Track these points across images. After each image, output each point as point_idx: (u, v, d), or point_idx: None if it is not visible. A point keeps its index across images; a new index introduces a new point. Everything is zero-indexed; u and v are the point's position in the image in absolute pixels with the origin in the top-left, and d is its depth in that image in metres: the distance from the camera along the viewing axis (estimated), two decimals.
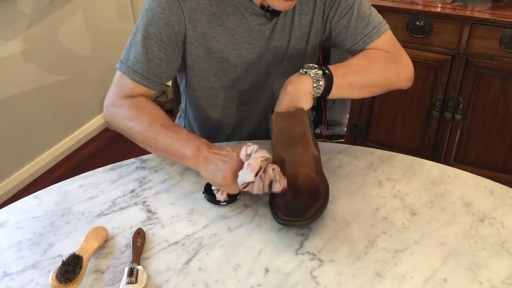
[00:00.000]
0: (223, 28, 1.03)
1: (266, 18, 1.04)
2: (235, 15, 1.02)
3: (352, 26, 1.06)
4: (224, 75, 1.09)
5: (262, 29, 1.05)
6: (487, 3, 1.92)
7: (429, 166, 1.06)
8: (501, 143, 2.00)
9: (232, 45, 1.05)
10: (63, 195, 0.98)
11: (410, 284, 0.78)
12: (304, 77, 0.95)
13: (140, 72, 1.01)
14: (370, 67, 1.03)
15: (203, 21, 1.01)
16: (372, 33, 1.06)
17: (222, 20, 1.02)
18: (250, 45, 1.06)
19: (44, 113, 2.39)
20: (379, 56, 1.06)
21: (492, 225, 0.90)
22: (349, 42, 1.08)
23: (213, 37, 1.03)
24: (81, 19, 2.51)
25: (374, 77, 1.04)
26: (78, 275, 0.75)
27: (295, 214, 0.84)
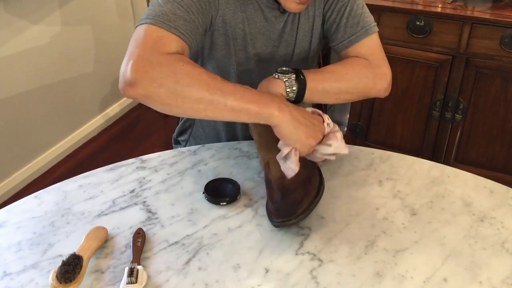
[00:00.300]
0: (245, 15, 1.03)
1: (279, 11, 1.05)
2: (253, 4, 1.02)
3: (342, 23, 1.06)
4: (241, 65, 1.09)
5: (276, 21, 1.06)
6: (487, 3, 1.92)
7: (429, 166, 1.06)
8: (501, 143, 1.99)
9: (250, 34, 1.05)
10: (63, 195, 0.98)
11: (410, 284, 0.78)
12: (276, 80, 0.95)
13: (183, 29, 0.85)
14: (345, 73, 1.02)
15: (230, 4, 1.00)
16: (359, 33, 1.06)
17: (245, 7, 1.02)
18: (264, 36, 1.06)
19: (44, 113, 2.39)
20: (357, 63, 1.05)
21: (492, 225, 0.90)
22: (337, 38, 1.08)
23: (237, 24, 1.03)
24: (81, 19, 2.51)
25: (349, 84, 1.03)
26: (78, 275, 0.75)
27: (286, 214, 0.84)
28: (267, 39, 1.07)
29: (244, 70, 1.10)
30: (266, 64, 1.11)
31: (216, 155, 1.10)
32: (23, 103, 2.26)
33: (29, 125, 2.32)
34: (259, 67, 1.11)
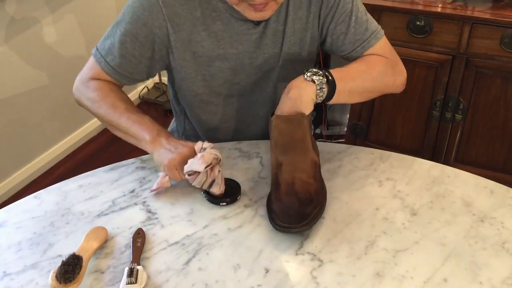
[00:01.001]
0: (208, 33, 1.02)
1: (253, 23, 1.03)
2: (221, 20, 1.01)
3: (350, 32, 1.06)
4: (213, 79, 1.08)
5: (249, 33, 1.04)
6: (487, 3, 1.92)
7: (429, 166, 1.06)
8: (501, 143, 1.99)
9: (218, 49, 1.04)
10: (63, 195, 0.98)
11: (410, 284, 0.78)
12: (309, 83, 0.94)
13: (112, 65, 1.04)
14: (370, 72, 1.04)
15: (186, 25, 1.01)
16: (370, 38, 1.07)
17: (208, 25, 1.01)
18: (237, 50, 1.05)
19: (44, 113, 2.39)
20: (378, 61, 1.07)
21: (493, 225, 0.90)
22: (348, 48, 1.08)
23: (198, 42, 1.03)
24: (81, 19, 2.51)
25: (373, 83, 1.05)
26: (78, 275, 0.75)
27: (291, 221, 0.84)
28: (240, 52, 1.05)
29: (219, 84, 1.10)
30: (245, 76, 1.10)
31: None
32: (23, 103, 2.26)
33: (29, 125, 2.32)
34: (236, 78, 1.09)
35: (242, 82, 1.11)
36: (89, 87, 1.05)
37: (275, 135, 0.93)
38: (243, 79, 1.10)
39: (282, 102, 0.95)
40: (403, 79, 1.12)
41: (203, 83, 1.09)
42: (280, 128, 0.92)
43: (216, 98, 1.13)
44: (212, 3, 0.99)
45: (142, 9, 0.99)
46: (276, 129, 0.93)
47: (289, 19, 1.05)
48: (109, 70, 1.05)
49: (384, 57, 1.08)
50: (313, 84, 0.94)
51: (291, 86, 0.95)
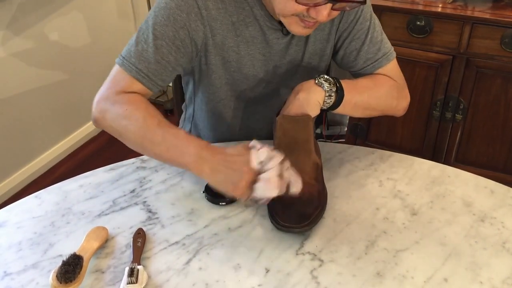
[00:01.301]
0: (241, 38, 1.02)
1: (282, 33, 1.03)
2: (254, 26, 1.01)
3: (364, 50, 1.06)
4: (237, 85, 1.08)
5: (278, 43, 1.04)
6: (487, 3, 1.92)
7: (429, 166, 1.06)
8: (501, 143, 1.99)
9: (248, 56, 1.04)
10: (64, 195, 0.98)
11: (411, 284, 0.78)
12: (318, 88, 0.94)
13: (145, 72, 0.95)
14: (377, 91, 1.04)
15: (222, 30, 0.99)
16: (382, 59, 1.07)
17: (241, 30, 1.01)
18: (265, 57, 1.05)
19: (44, 113, 2.39)
20: (386, 82, 1.07)
21: (493, 225, 0.90)
22: (358, 65, 1.09)
23: (230, 47, 1.02)
24: (82, 19, 2.51)
25: (378, 101, 1.04)
26: (78, 275, 0.75)
27: (293, 221, 0.84)
28: (268, 60, 1.06)
29: (241, 90, 1.10)
30: (266, 82, 1.10)
31: None
32: (23, 103, 2.26)
33: (29, 125, 2.32)
34: (259, 85, 1.10)
35: (263, 89, 1.11)
36: (117, 103, 0.92)
37: (279, 134, 0.93)
38: (264, 86, 1.11)
39: (290, 102, 0.95)
40: (406, 105, 1.11)
41: (227, 88, 1.09)
42: (285, 129, 0.92)
43: (238, 104, 1.13)
44: (247, 9, 0.99)
45: (180, 11, 0.93)
46: (281, 129, 0.93)
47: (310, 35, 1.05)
48: (143, 79, 0.95)
49: (393, 79, 1.09)
50: (322, 90, 0.93)
51: (301, 88, 0.94)
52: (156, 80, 0.97)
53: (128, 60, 0.95)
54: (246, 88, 1.10)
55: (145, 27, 0.96)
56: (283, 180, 0.82)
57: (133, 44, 0.96)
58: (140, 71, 0.94)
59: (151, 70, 0.95)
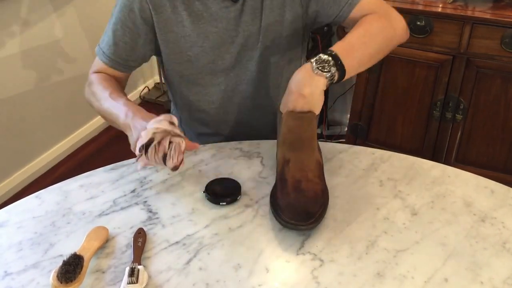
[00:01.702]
0: (188, 12, 1.06)
1: (231, 0, 1.05)
2: (200, 0, 1.05)
3: None
4: (197, 60, 1.11)
5: (227, 11, 1.06)
6: (488, 3, 1.92)
7: (429, 166, 1.06)
8: (502, 143, 1.99)
9: (199, 29, 1.08)
10: (64, 195, 0.98)
11: (411, 284, 0.78)
12: (319, 77, 0.90)
13: (108, 54, 1.10)
14: (369, 35, 1.01)
15: (167, 7, 1.05)
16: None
17: (187, 5, 1.05)
18: (217, 28, 1.08)
19: (44, 113, 2.39)
20: (372, 20, 1.04)
21: (493, 225, 0.90)
22: (335, 10, 1.07)
23: (179, 22, 1.07)
24: (82, 19, 2.51)
25: (377, 45, 1.02)
26: (79, 275, 0.75)
27: (297, 218, 0.84)
28: (220, 30, 1.08)
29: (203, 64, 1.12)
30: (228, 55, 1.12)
31: (217, 155, 1.10)
32: (23, 103, 2.26)
33: (29, 125, 2.32)
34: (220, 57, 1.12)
35: (226, 62, 1.13)
36: (90, 83, 1.12)
37: (284, 131, 0.93)
38: (226, 58, 1.12)
39: (294, 98, 0.91)
40: (403, 25, 1.08)
41: (187, 64, 1.12)
42: (290, 125, 0.92)
43: (201, 79, 1.16)
44: None
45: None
46: (286, 126, 0.92)
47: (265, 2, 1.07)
48: (106, 59, 1.10)
49: (375, 12, 1.05)
50: (323, 78, 0.90)
51: (302, 82, 0.90)
52: (118, 60, 1.11)
53: (100, 46, 1.13)
54: (207, 62, 1.12)
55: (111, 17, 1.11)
56: (160, 147, 0.89)
57: (104, 33, 1.12)
58: (104, 54, 1.11)
59: (112, 51, 1.10)
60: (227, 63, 1.13)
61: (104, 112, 1.05)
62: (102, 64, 1.12)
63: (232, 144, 1.14)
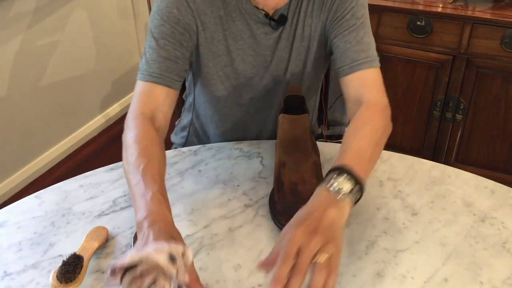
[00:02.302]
0: (228, 32, 1.02)
1: (271, 27, 1.02)
2: (240, 20, 1.01)
3: (345, 47, 1.00)
4: (228, 80, 1.08)
5: (266, 38, 1.03)
6: (488, 3, 1.92)
7: (430, 166, 1.06)
8: (502, 143, 1.99)
9: (237, 50, 1.04)
10: (64, 195, 0.98)
11: (411, 284, 0.78)
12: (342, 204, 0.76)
13: (158, 72, 0.96)
14: (376, 141, 0.90)
15: (211, 24, 1.00)
16: (362, 61, 0.99)
17: (228, 24, 1.01)
18: (255, 52, 1.05)
19: (44, 113, 2.39)
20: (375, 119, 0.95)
21: (493, 225, 0.90)
22: (339, 62, 1.02)
23: (219, 41, 1.02)
24: (82, 19, 2.51)
25: (381, 148, 0.94)
26: (78, 275, 0.75)
27: None
28: (257, 55, 1.05)
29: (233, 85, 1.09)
30: (258, 79, 1.09)
31: (216, 155, 1.10)
32: (23, 103, 2.26)
33: (29, 125, 2.32)
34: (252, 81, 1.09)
35: (256, 86, 1.10)
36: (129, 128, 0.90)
37: (280, 134, 0.94)
38: (257, 82, 1.10)
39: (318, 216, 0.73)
40: (391, 124, 0.98)
41: (220, 84, 1.08)
42: (285, 128, 0.93)
43: (231, 100, 1.12)
44: (232, 3, 0.99)
45: (171, 8, 0.96)
46: (281, 128, 0.94)
47: (299, 24, 1.03)
48: (157, 79, 0.95)
49: (376, 102, 0.97)
50: (347, 204, 0.76)
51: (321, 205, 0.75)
52: (171, 76, 0.97)
53: (141, 71, 0.97)
54: (239, 83, 1.09)
55: (148, 38, 0.99)
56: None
57: (143, 57, 0.98)
58: (153, 73, 0.95)
59: (163, 68, 0.96)
60: (258, 88, 1.10)
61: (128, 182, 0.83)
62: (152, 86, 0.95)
63: (231, 144, 1.14)
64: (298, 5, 1.02)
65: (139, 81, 0.97)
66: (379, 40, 2.00)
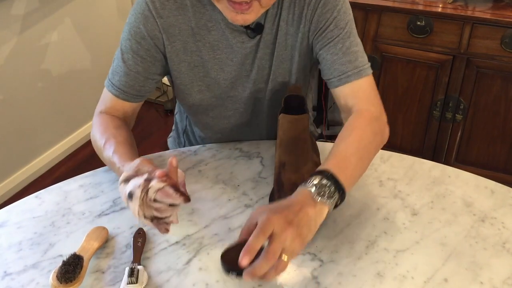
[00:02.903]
0: (203, 43, 1.00)
1: (247, 35, 1.00)
2: (217, 30, 0.99)
3: (332, 60, 0.98)
4: (209, 91, 1.06)
5: (243, 47, 1.01)
6: (488, 3, 1.92)
7: (429, 166, 1.06)
8: (502, 143, 1.99)
9: (214, 60, 1.02)
10: (64, 195, 0.98)
11: (411, 284, 0.78)
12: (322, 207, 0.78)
13: (118, 86, 1.01)
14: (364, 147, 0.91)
15: (181, 36, 0.99)
16: (351, 73, 0.97)
17: (202, 35, 1.00)
18: (232, 62, 1.03)
19: (44, 113, 2.39)
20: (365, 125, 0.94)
21: (493, 225, 0.90)
22: (327, 74, 1.00)
23: (193, 52, 1.01)
24: (82, 19, 2.51)
25: (370, 155, 0.94)
26: (78, 275, 0.75)
27: None
28: (236, 64, 1.03)
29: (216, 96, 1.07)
30: (241, 88, 1.07)
31: (216, 155, 1.10)
32: (23, 103, 2.26)
33: (29, 125, 2.32)
34: (233, 90, 1.07)
35: (239, 95, 1.08)
36: (95, 124, 1.02)
37: (280, 134, 0.94)
38: (239, 92, 1.08)
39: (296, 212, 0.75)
40: (388, 131, 0.99)
41: (199, 95, 1.07)
42: (285, 128, 0.93)
43: (212, 111, 1.11)
44: (207, 13, 0.98)
45: (138, 23, 0.98)
46: (281, 129, 0.93)
47: (281, 33, 1.01)
48: (116, 92, 1.01)
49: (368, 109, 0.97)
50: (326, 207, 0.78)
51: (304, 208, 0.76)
52: (130, 91, 1.02)
53: (108, 78, 1.04)
54: (219, 94, 1.07)
55: (118, 47, 1.02)
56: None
57: (113, 62, 1.04)
58: (114, 85, 1.02)
59: (123, 83, 1.01)
60: (240, 97, 1.09)
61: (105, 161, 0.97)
62: (112, 97, 1.02)
63: (232, 144, 1.14)
64: (277, 14, 0.99)
65: (105, 87, 1.05)
66: (379, 40, 2.00)
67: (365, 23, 1.98)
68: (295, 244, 0.72)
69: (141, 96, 1.04)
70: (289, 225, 0.72)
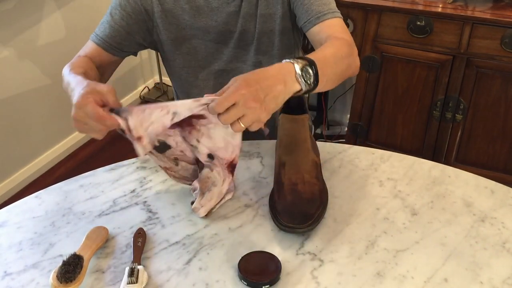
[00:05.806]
0: (190, 6, 1.09)
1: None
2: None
3: (309, 3, 1.06)
4: (197, 53, 1.14)
5: (225, 7, 1.09)
6: (488, 3, 1.92)
7: (429, 166, 1.06)
8: (502, 143, 1.99)
9: (200, 22, 1.10)
10: (64, 195, 0.98)
11: (411, 284, 0.78)
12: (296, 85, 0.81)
13: (101, 36, 1.11)
14: (339, 57, 0.94)
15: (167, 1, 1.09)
16: (326, 12, 1.04)
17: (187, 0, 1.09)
18: (217, 22, 1.11)
19: (44, 113, 2.39)
20: (341, 44, 0.98)
21: (493, 225, 0.90)
22: (304, 17, 1.07)
23: (180, 15, 1.10)
24: (82, 19, 2.51)
25: (344, 66, 0.96)
26: (78, 275, 0.75)
27: (295, 221, 0.84)
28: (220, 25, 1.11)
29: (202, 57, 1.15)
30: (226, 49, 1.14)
31: None
32: (23, 103, 2.26)
33: (29, 125, 2.32)
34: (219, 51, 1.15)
35: (224, 56, 1.15)
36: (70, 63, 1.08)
37: (280, 134, 0.95)
38: (225, 52, 1.15)
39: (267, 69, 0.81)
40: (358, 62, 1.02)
41: (187, 56, 1.15)
42: (285, 128, 0.93)
43: (200, 73, 1.18)
44: None
45: None
46: (282, 128, 0.94)
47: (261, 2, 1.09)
48: (98, 40, 1.11)
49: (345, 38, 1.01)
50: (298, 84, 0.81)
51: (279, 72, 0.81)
52: (110, 41, 1.10)
53: (95, 31, 1.14)
54: (206, 55, 1.15)
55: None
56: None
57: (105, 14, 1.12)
58: (97, 35, 1.12)
59: (106, 33, 1.10)
60: (226, 58, 1.15)
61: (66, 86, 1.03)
62: (93, 45, 1.12)
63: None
64: None
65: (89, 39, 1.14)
66: (379, 40, 2.00)
67: (365, 23, 1.98)
68: (261, 115, 0.76)
69: (119, 50, 1.12)
70: (257, 101, 0.75)
